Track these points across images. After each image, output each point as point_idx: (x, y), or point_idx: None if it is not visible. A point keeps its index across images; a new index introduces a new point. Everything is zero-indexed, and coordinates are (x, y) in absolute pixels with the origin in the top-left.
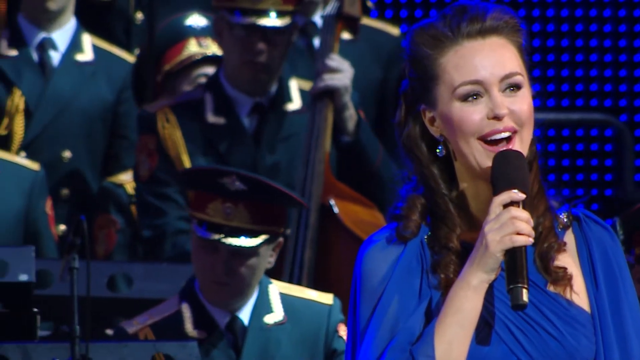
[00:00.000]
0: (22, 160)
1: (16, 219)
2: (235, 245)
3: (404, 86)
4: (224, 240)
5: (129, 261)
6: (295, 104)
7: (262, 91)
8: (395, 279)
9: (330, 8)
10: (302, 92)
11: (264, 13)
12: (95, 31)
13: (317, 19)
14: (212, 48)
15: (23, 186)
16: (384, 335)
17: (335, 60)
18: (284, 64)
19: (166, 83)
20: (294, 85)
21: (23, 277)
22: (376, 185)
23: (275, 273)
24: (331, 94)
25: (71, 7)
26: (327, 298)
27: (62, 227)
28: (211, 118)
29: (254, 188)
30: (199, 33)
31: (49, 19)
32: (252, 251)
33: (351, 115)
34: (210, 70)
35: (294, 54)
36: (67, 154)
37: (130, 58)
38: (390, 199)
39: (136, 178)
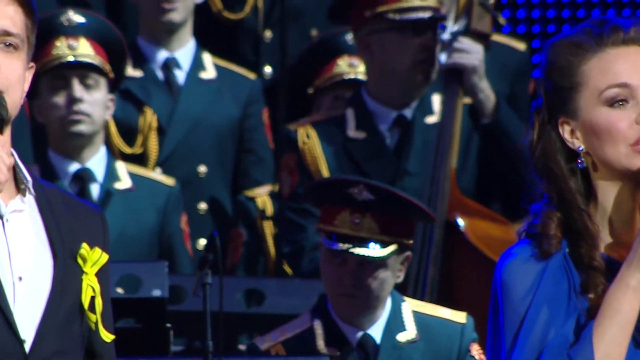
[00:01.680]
0: (157, 175)
1: (151, 235)
2: (364, 255)
3: (536, 103)
4: (352, 250)
5: (262, 277)
6: (435, 116)
7: (406, 103)
8: (543, 290)
9: (458, 25)
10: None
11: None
12: (221, 49)
13: (446, 35)
14: (361, 68)
15: (158, 202)
16: (535, 344)
17: (465, 42)
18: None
19: (314, 98)
20: (436, 99)
21: (156, 293)
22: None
23: (400, 290)
24: (460, 74)
25: (190, 27)
26: (460, 316)
27: (203, 241)
28: (352, 133)
29: (382, 198)
30: (353, 50)
31: (170, 35)
32: (381, 262)
33: (487, 96)
34: (349, 94)
35: None
36: (202, 168)
37: (250, 75)
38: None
39: (279, 196)
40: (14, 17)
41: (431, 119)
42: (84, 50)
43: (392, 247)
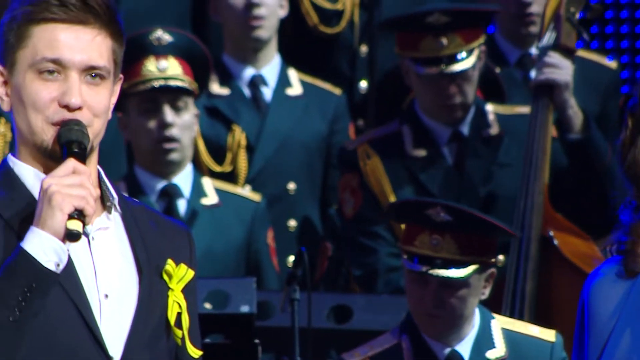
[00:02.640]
0: (243, 191)
1: (238, 251)
2: (444, 277)
3: (632, 105)
4: (432, 272)
5: (349, 293)
6: (493, 128)
7: (460, 120)
8: (627, 314)
9: (546, 39)
10: (499, 117)
11: (451, 58)
12: (316, 64)
13: (533, 50)
14: None
15: (245, 217)
16: None
17: (555, 57)
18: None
19: None
20: (490, 110)
21: (244, 309)
22: (608, 181)
23: (495, 305)
24: (551, 89)
25: (275, 43)
26: (549, 335)
27: (293, 258)
28: (412, 151)
29: (460, 219)
30: None
31: (256, 52)
32: (462, 282)
33: (576, 112)
34: None
35: (510, 84)
36: (291, 185)
37: (336, 90)
38: (619, 195)
39: (341, 216)
40: (101, 48)
41: (488, 132)
42: (173, 71)
43: (473, 267)
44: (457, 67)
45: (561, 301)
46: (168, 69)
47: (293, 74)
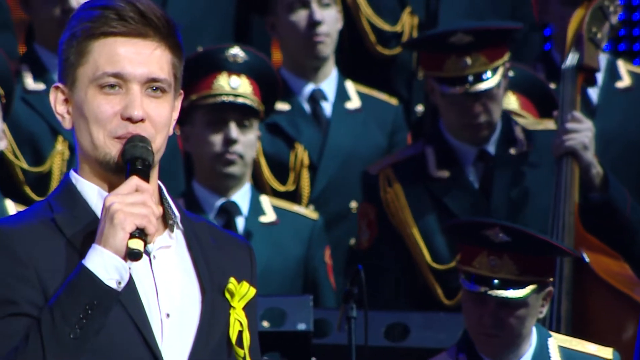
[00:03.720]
0: (300, 209)
1: (296, 268)
2: (503, 297)
3: None
4: (491, 292)
5: (406, 310)
6: (521, 146)
7: (486, 139)
8: None
9: (570, 60)
10: (527, 132)
11: (476, 78)
12: (373, 84)
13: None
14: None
15: (302, 235)
16: None
17: (575, 118)
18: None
19: None
20: (518, 127)
21: (301, 326)
22: (628, 233)
23: None
24: (573, 154)
25: (333, 57)
26: (607, 352)
27: None
28: (435, 172)
29: (518, 239)
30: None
31: (316, 69)
32: (521, 302)
33: (597, 172)
34: None
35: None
36: (353, 204)
37: (393, 100)
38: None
39: (357, 244)
40: (161, 61)
41: (515, 149)
42: (244, 89)
43: (531, 287)
44: (482, 86)
45: (597, 320)
46: (239, 87)
47: (350, 87)
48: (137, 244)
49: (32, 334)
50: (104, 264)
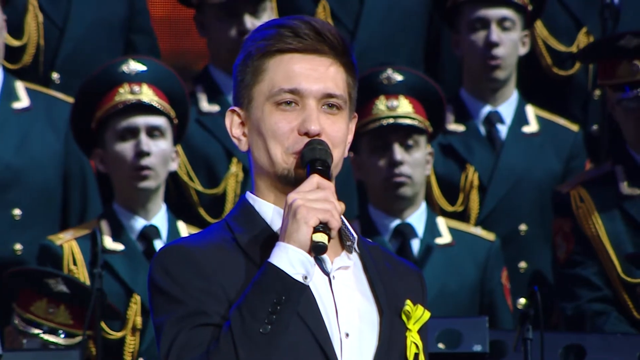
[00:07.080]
0: (477, 230)
1: (472, 290)
2: None
3: None
4: None
5: (584, 332)
6: None
7: None
8: None
9: None
10: None
11: None
12: (548, 105)
13: None
14: None
15: (479, 257)
16: None
17: None
18: None
19: None
20: None
21: (477, 348)
22: None
23: None
24: None
25: (514, 80)
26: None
27: (523, 300)
28: (625, 190)
29: None
30: None
31: (494, 91)
32: None
33: None
34: None
35: None
36: (523, 227)
37: (573, 127)
38: None
39: (555, 260)
40: (336, 78)
41: None
42: (403, 109)
43: None
44: None
45: None
46: (398, 108)
47: (530, 111)
48: (321, 238)
49: (222, 335)
50: (289, 259)
